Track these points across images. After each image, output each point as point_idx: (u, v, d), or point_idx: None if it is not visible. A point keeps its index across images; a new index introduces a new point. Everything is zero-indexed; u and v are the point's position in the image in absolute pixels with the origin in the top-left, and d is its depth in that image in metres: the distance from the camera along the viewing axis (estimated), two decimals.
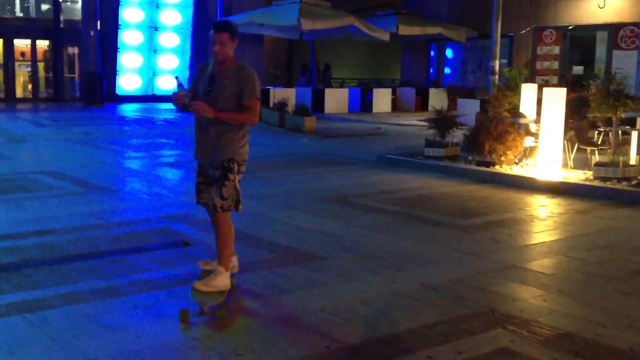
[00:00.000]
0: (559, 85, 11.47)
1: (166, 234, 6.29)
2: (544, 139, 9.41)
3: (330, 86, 24.69)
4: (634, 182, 8.62)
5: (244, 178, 4.64)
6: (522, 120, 10.63)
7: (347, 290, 4.78)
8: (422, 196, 8.46)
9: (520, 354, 3.74)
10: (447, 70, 25.68)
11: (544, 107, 9.37)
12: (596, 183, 8.76)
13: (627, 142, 9.65)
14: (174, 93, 4.28)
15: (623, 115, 9.64)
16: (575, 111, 10.36)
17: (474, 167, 10.11)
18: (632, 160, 9.08)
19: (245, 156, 4.49)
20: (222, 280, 4.31)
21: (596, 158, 9.54)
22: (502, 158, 10.00)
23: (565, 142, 9.74)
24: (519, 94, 11.23)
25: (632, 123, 10.70)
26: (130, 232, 6.35)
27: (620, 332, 4.11)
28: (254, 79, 4.38)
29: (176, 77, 4.31)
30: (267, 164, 10.59)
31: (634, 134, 9.39)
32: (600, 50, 20.15)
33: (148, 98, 25.57)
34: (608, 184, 8.64)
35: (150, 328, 3.98)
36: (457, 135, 11.22)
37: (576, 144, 9.95)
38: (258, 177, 9.31)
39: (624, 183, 8.62)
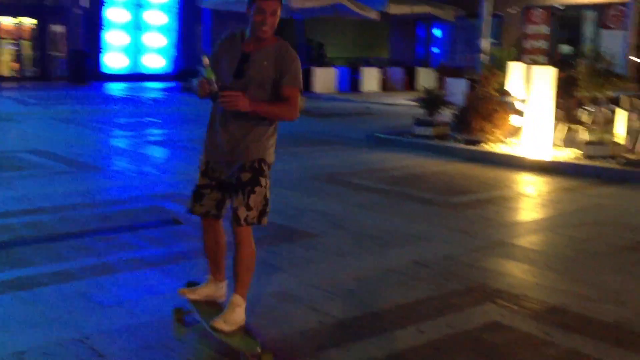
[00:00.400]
0: (547, 64, 11.53)
1: (156, 212, 6.28)
2: (533, 117, 9.45)
3: (325, 65, 24.61)
4: (623, 160, 8.69)
5: None
6: (510, 99, 10.66)
7: (338, 267, 4.81)
8: (412, 174, 8.49)
9: (511, 328, 3.80)
10: (435, 50, 25.63)
11: (533, 86, 9.40)
12: (585, 161, 8.84)
13: (614, 121, 9.71)
14: (201, 79, 3.36)
15: (612, 94, 9.70)
16: (563, 90, 10.40)
17: (463, 145, 10.15)
18: (620, 139, 9.15)
19: (273, 158, 3.57)
20: (241, 314, 3.46)
21: (584, 137, 9.59)
22: (491, 137, 10.05)
23: (554, 121, 9.78)
24: (508, 73, 11.24)
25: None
26: (121, 210, 6.34)
27: (607, 306, 4.17)
28: (297, 64, 3.46)
29: (205, 55, 3.35)
30: None
31: (621, 112, 9.45)
32: (588, 29, 20.17)
33: (135, 76, 25.37)
34: (597, 163, 8.71)
35: (143, 305, 4.00)
36: (446, 115, 11.25)
37: (564, 123, 9.99)
38: None
39: (612, 161, 8.70)
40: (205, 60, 3.34)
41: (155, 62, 26.00)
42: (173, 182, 7.63)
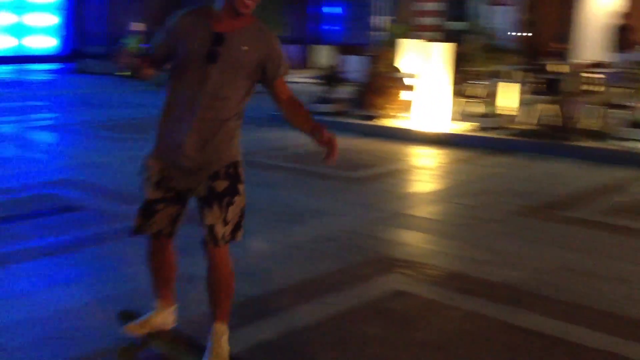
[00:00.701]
0: (442, 40, 11.94)
1: (48, 200, 5.98)
2: (429, 92, 9.72)
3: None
4: (513, 131, 9.15)
5: (123, 140, 3.41)
6: (404, 75, 10.90)
7: (242, 246, 4.76)
8: (312, 151, 8.46)
9: (414, 295, 3.92)
10: (332, 27, 25.81)
11: (431, 62, 9.66)
12: (477, 133, 9.21)
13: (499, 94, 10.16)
14: (123, 49, 2.91)
15: (502, 68, 10.13)
16: (457, 65, 10.77)
17: (361, 121, 10.31)
18: (510, 111, 9.58)
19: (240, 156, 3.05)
20: (226, 342, 3.04)
21: (478, 110, 9.98)
22: (385, 112, 10.28)
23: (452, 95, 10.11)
24: (401, 50, 11.50)
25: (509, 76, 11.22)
26: (10, 199, 5.99)
27: (503, 269, 4.39)
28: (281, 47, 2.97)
29: (138, 23, 2.69)
30: (147, 125, 10.29)
31: (512, 85, 9.88)
32: (479, 6, 20.87)
33: (20, 58, 23.96)
34: (489, 134, 9.11)
35: (42, 296, 3.82)
36: (345, 91, 11.38)
37: (461, 97, 10.35)
38: (138, 139, 9.03)
39: (503, 132, 9.13)
40: (139, 26, 2.76)
41: (44, 42, 24.67)
42: (65, 167, 7.31)
